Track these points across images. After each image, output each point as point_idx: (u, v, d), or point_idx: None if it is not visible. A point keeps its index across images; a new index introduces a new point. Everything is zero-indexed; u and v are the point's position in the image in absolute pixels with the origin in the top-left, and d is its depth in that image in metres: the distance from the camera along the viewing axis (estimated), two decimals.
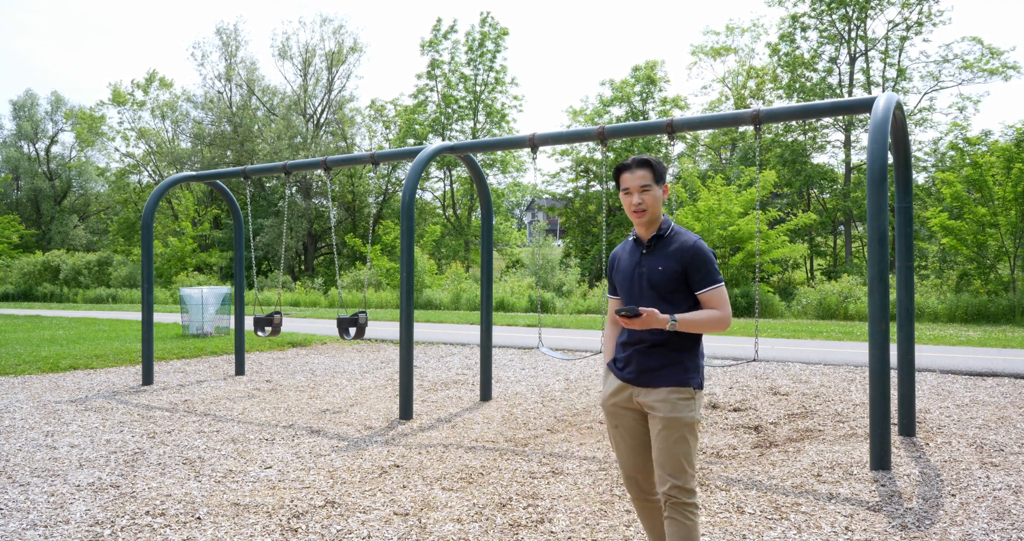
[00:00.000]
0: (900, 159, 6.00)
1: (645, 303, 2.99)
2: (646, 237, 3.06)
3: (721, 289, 2.95)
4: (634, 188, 3.00)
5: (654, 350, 2.96)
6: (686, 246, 2.96)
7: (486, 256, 7.94)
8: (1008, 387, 8.04)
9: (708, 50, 36.85)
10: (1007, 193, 18.20)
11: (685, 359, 2.95)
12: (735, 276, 21.72)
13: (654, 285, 2.97)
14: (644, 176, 3.00)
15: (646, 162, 3.02)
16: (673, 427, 2.89)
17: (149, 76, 45.64)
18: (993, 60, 27.92)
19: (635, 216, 3.02)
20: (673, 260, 2.96)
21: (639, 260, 3.05)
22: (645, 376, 2.97)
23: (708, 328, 2.90)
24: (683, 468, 2.88)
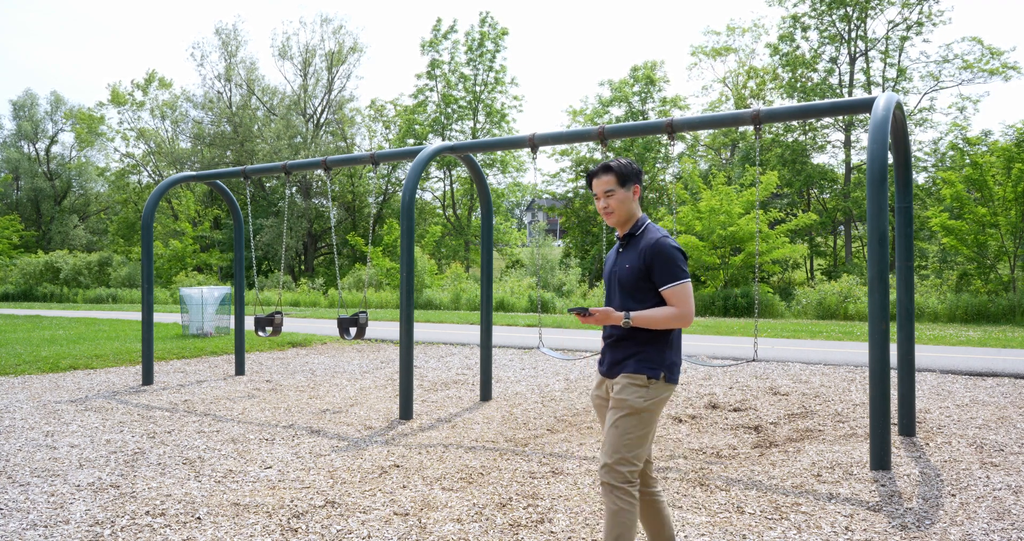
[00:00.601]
0: (900, 159, 6.00)
1: (616, 300, 3.14)
2: (622, 238, 3.22)
3: (682, 286, 3.02)
4: (600, 193, 3.17)
5: (620, 343, 3.10)
6: (650, 243, 3.06)
7: (486, 256, 7.95)
8: (1008, 387, 8.04)
9: (708, 50, 36.85)
10: (1007, 193, 18.20)
11: (649, 351, 3.05)
12: (735, 276, 21.72)
13: (622, 283, 3.11)
14: (608, 181, 3.15)
15: (608, 167, 3.16)
16: (616, 406, 3.02)
17: (148, 76, 45.65)
18: (993, 60, 27.92)
19: (605, 219, 3.20)
20: (639, 257, 3.07)
21: (615, 259, 3.20)
22: (612, 368, 3.12)
23: (665, 325, 3.00)
24: (616, 448, 2.96)
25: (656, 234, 3.09)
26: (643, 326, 3.00)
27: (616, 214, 3.16)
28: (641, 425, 2.99)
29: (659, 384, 3.02)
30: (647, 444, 3.03)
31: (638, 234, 3.17)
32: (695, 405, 7.27)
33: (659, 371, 3.03)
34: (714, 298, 20.76)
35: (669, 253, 3.02)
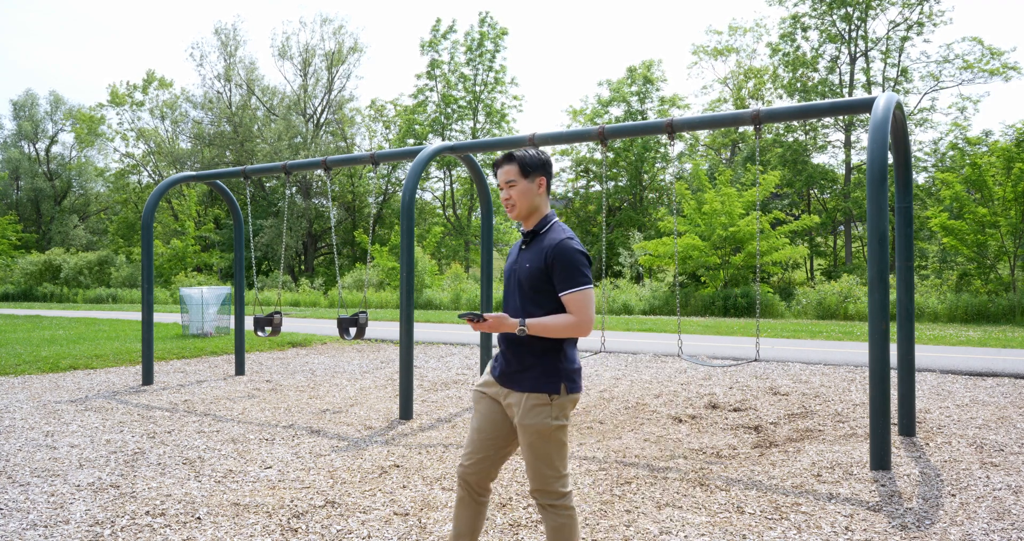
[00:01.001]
0: (900, 159, 6.00)
1: (514, 300, 2.95)
2: (527, 234, 3.02)
3: (583, 293, 2.81)
4: (501, 184, 2.99)
5: (514, 351, 2.91)
6: (552, 244, 2.86)
7: (486, 256, 7.95)
8: (1008, 387, 8.04)
9: (710, 50, 36.85)
10: (1007, 193, 18.20)
11: (546, 362, 2.86)
12: (735, 276, 21.73)
13: (522, 283, 2.91)
14: (509, 171, 2.96)
15: (511, 157, 2.98)
16: (528, 433, 2.86)
17: (148, 76, 45.67)
18: (993, 60, 27.94)
19: (508, 211, 3.00)
20: (541, 258, 2.87)
21: (517, 256, 3.01)
22: (506, 377, 2.94)
23: (562, 333, 2.80)
24: (543, 472, 2.86)
25: (561, 234, 2.89)
26: (539, 334, 2.80)
27: (518, 207, 2.95)
28: (557, 442, 2.86)
29: (561, 398, 2.85)
30: (568, 450, 2.94)
31: (542, 232, 2.96)
32: (695, 405, 7.27)
33: (559, 383, 2.85)
34: (714, 298, 20.76)
35: (572, 256, 2.82)
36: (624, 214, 34.02)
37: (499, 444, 3.00)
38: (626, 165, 34.16)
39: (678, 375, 9.19)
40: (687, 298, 21.53)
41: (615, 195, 34.82)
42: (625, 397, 7.74)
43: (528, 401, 2.85)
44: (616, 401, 7.53)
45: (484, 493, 3.06)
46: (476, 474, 3.01)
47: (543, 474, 2.87)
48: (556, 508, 2.87)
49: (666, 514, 4.10)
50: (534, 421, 2.84)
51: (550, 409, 2.84)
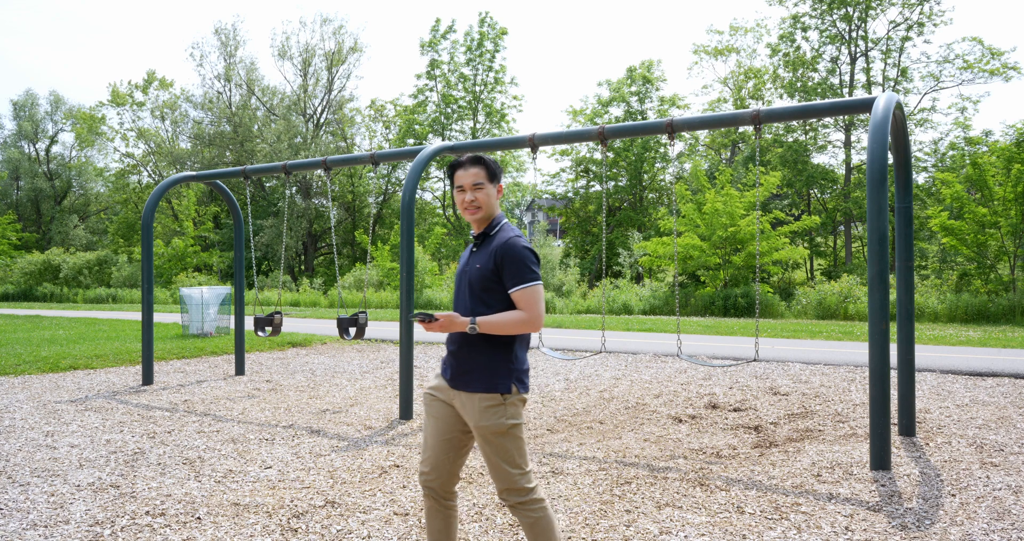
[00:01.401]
0: (900, 159, 6.00)
1: (464, 302, 2.98)
2: (478, 236, 3.07)
3: (532, 289, 2.86)
4: (467, 185, 2.99)
5: (463, 352, 2.93)
6: (501, 243, 2.92)
7: None
8: (1008, 387, 8.04)
9: (710, 50, 36.86)
10: (1007, 193, 18.21)
11: (496, 363, 2.88)
12: (735, 276, 21.73)
13: (473, 284, 2.95)
14: (478, 174, 2.99)
15: (480, 160, 3.01)
16: (484, 435, 2.88)
17: (148, 76, 45.66)
18: (994, 61, 27.94)
19: (467, 213, 3.01)
20: (490, 258, 2.93)
21: (468, 258, 3.06)
22: (456, 379, 2.95)
23: (513, 330, 2.84)
24: (505, 471, 2.87)
25: (509, 233, 2.95)
26: (490, 332, 2.83)
27: (483, 210, 2.99)
28: (515, 439, 2.89)
29: (513, 398, 2.89)
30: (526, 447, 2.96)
31: (493, 234, 3.01)
32: (695, 405, 7.27)
33: (510, 383, 2.88)
34: (714, 298, 20.75)
35: (520, 254, 2.87)
36: (624, 214, 34.02)
37: (455, 446, 3.00)
38: (626, 165, 34.16)
39: (678, 375, 9.19)
40: (687, 298, 21.53)
41: (615, 195, 34.83)
42: (625, 397, 7.73)
43: (481, 402, 2.87)
44: (616, 401, 7.53)
45: (451, 498, 3.05)
46: (438, 479, 3.00)
47: (507, 473, 2.88)
48: (526, 505, 2.88)
49: (666, 514, 4.10)
50: (490, 422, 2.86)
51: (504, 409, 2.87)
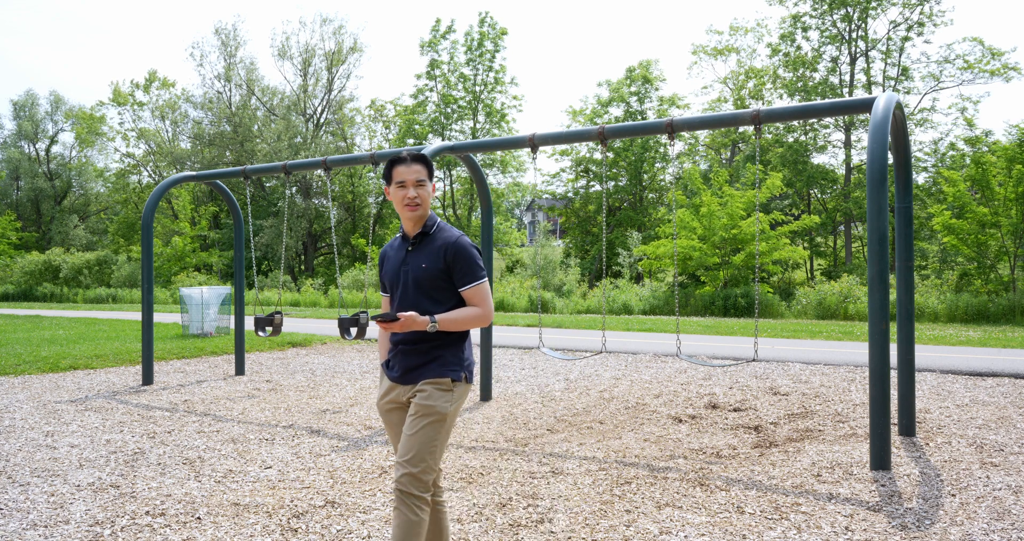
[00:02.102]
0: (900, 159, 6.00)
1: (410, 301, 2.99)
2: (412, 234, 3.07)
3: (484, 286, 3.00)
4: (410, 182, 3.00)
5: (416, 348, 2.98)
6: (448, 243, 2.99)
7: (486, 256, 7.94)
8: (1008, 387, 8.04)
9: (710, 50, 36.87)
10: (1008, 193, 18.21)
11: (446, 355, 2.98)
12: (735, 276, 21.72)
13: (420, 283, 2.99)
14: (419, 171, 3.01)
15: (422, 157, 3.04)
16: (422, 413, 2.90)
17: (150, 76, 45.65)
18: (994, 61, 27.94)
19: (407, 210, 3.01)
20: (436, 257, 2.98)
21: (404, 257, 3.07)
22: (408, 375, 3.00)
23: (469, 325, 2.96)
24: (422, 457, 2.86)
25: (454, 232, 3.03)
26: (448, 329, 2.92)
27: (423, 207, 3.02)
28: (445, 430, 2.94)
29: (461, 386, 3.00)
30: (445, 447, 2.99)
31: (432, 233, 3.06)
32: (695, 405, 7.27)
33: (460, 372, 2.99)
34: (714, 298, 20.75)
35: (470, 253, 2.98)
36: (624, 214, 34.01)
37: None
38: (626, 165, 34.15)
39: (678, 375, 9.19)
40: (687, 298, 21.52)
41: (615, 195, 34.82)
42: (625, 397, 7.73)
43: (431, 385, 2.95)
44: (616, 401, 7.53)
45: (437, 493, 3.08)
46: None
47: (420, 458, 2.86)
48: (416, 500, 2.83)
49: (666, 514, 4.10)
50: (434, 402, 2.91)
51: (451, 394, 2.96)
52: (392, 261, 3.11)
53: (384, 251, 3.21)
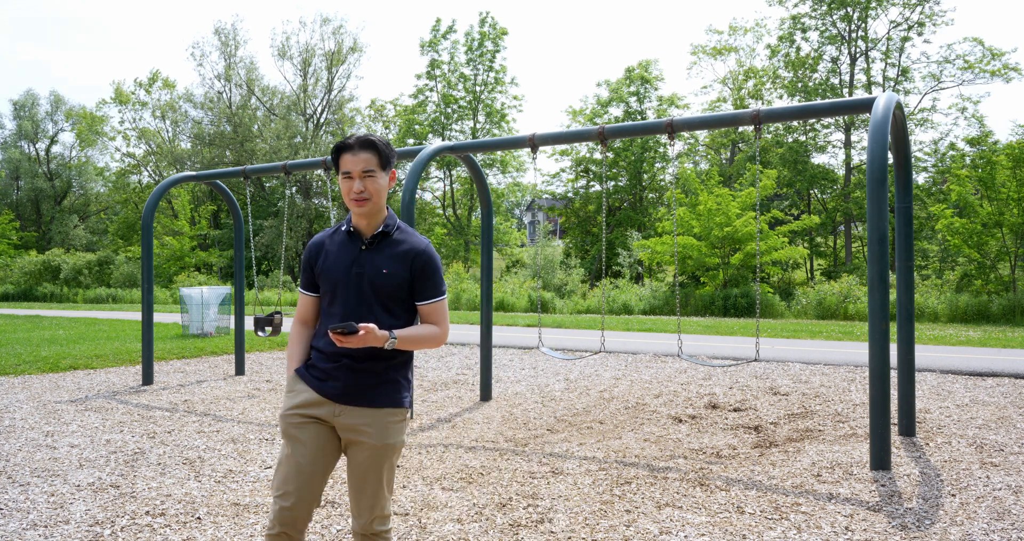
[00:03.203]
0: (900, 159, 6.00)
1: (363, 309, 2.61)
2: (368, 231, 2.68)
3: (443, 302, 2.69)
4: (356, 173, 2.59)
5: (368, 366, 2.59)
6: (418, 250, 2.66)
7: (486, 256, 7.94)
8: (1008, 387, 8.04)
9: (709, 50, 36.87)
10: (1011, 193, 18.23)
11: (400, 377, 2.65)
12: (734, 276, 21.73)
13: (377, 290, 2.61)
14: (368, 160, 2.60)
15: (371, 144, 2.62)
16: (384, 454, 2.60)
17: (152, 75, 45.65)
18: (994, 61, 27.95)
19: (355, 205, 2.61)
20: (401, 264, 2.63)
21: (357, 257, 2.64)
22: (355, 394, 2.59)
23: (424, 345, 2.62)
24: (383, 498, 2.62)
25: (422, 239, 2.70)
26: (406, 348, 2.57)
27: (373, 202, 2.61)
28: (397, 460, 2.68)
29: (409, 412, 2.73)
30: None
31: (394, 234, 2.68)
32: (695, 405, 7.27)
33: (408, 397, 2.68)
34: (714, 298, 20.76)
35: (437, 264, 2.67)
36: (624, 214, 34.02)
37: (325, 473, 2.63)
38: (626, 165, 34.16)
39: (678, 375, 9.19)
40: (687, 298, 21.53)
41: (615, 195, 34.83)
42: (625, 397, 7.73)
43: (387, 417, 2.61)
44: (616, 401, 7.53)
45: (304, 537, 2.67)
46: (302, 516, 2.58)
47: (383, 499, 2.63)
48: (383, 536, 2.64)
49: (666, 514, 4.10)
50: (395, 440, 2.62)
51: (404, 425, 2.68)
52: (335, 258, 2.66)
53: (319, 242, 2.72)
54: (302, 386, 2.65)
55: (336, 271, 2.64)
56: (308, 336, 2.76)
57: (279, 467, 2.62)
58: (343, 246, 2.68)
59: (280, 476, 2.59)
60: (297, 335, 2.76)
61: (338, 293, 2.63)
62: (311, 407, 2.62)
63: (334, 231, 2.73)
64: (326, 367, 2.63)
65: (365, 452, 2.60)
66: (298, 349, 2.74)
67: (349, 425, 2.61)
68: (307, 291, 2.75)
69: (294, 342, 2.76)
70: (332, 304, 2.65)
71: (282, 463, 2.61)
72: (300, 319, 2.77)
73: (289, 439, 2.62)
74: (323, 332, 2.66)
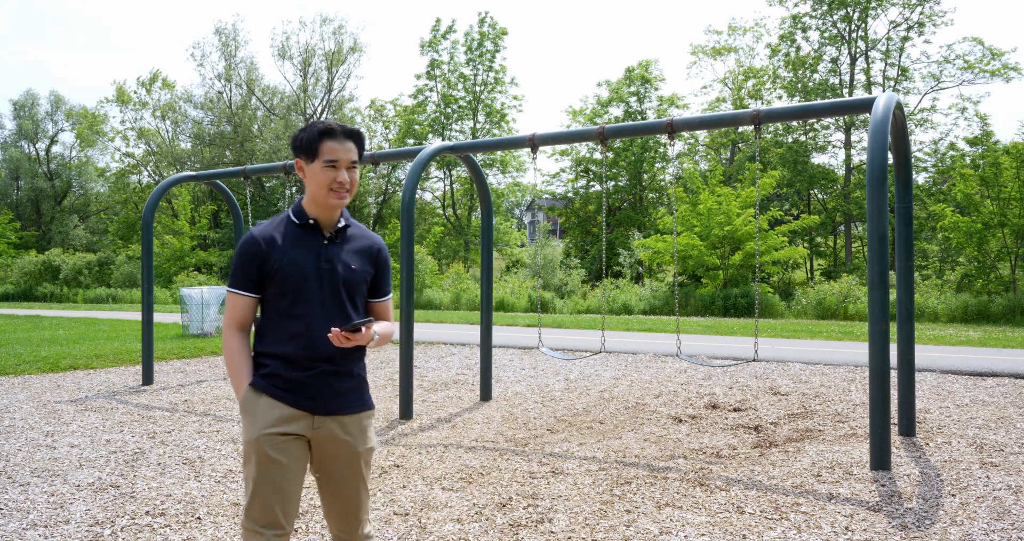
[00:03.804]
0: (900, 159, 6.00)
1: (334, 306, 2.44)
2: (330, 225, 2.50)
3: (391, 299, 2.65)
4: (343, 163, 2.43)
5: (343, 369, 2.46)
6: (378, 245, 2.59)
7: (486, 256, 7.94)
8: (1008, 387, 8.04)
9: (708, 50, 36.88)
10: (1014, 192, 18.24)
11: (365, 375, 2.57)
12: (734, 276, 21.73)
13: (347, 285, 2.47)
14: (353, 151, 2.47)
15: (357, 135, 2.48)
16: (367, 458, 2.53)
17: (153, 75, 45.66)
18: (994, 61, 27.96)
19: (333, 196, 2.43)
20: (366, 259, 2.53)
21: (320, 252, 2.45)
22: (336, 403, 2.45)
23: (386, 342, 2.58)
24: (367, 502, 2.57)
25: (374, 233, 2.61)
26: (377, 345, 2.48)
27: (351, 195, 2.48)
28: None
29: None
30: None
31: (352, 228, 2.56)
32: (695, 405, 7.27)
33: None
34: (714, 298, 20.77)
35: (389, 258, 2.63)
36: (624, 214, 34.03)
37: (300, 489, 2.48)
38: (626, 165, 34.17)
39: (678, 375, 9.19)
40: (687, 298, 21.53)
41: (615, 195, 34.84)
42: (625, 397, 7.73)
43: (363, 421, 2.51)
44: (616, 401, 7.53)
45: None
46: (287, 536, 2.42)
47: (368, 502, 2.56)
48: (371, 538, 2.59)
49: (666, 514, 4.10)
50: (373, 443, 2.55)
51: (373, 423, 2.60)
52: (296, 252, 2.42)
53: (267, 236, 2.44)
54: (269, 401, 2.40)
55: (300, 267, 2.41)
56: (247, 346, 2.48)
57: (255, 495, 2.36)
58: (300, 240, 2.45)
59: (260, 505, 2.36)
60: (240, 344, 2.45)
61: (304, 291, 2.41)
62: (287, 423, 2.39)
63: (278, 223, 2.48)
64: (297, 376, 2.40)
65: (350, 460, 2.48)
66: (246, 360, 2.45)
67: (331, 436, 2.45)
68: (247, 292, 2.44)
69: (239, 353, 2.45)
70: (296, 304, 2.41)
71: (259, 490, 2.36)
72: (238, 325, 2.46)
73: (267, 463, 2.36)
74: (284, 337, 2.41)
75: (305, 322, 2.40)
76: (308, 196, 2.47)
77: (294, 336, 2.40)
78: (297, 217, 2.47)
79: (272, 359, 2.42)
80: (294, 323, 2.41)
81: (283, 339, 2.42)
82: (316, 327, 2.41)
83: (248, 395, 2.44)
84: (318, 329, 2.40)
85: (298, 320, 2.41)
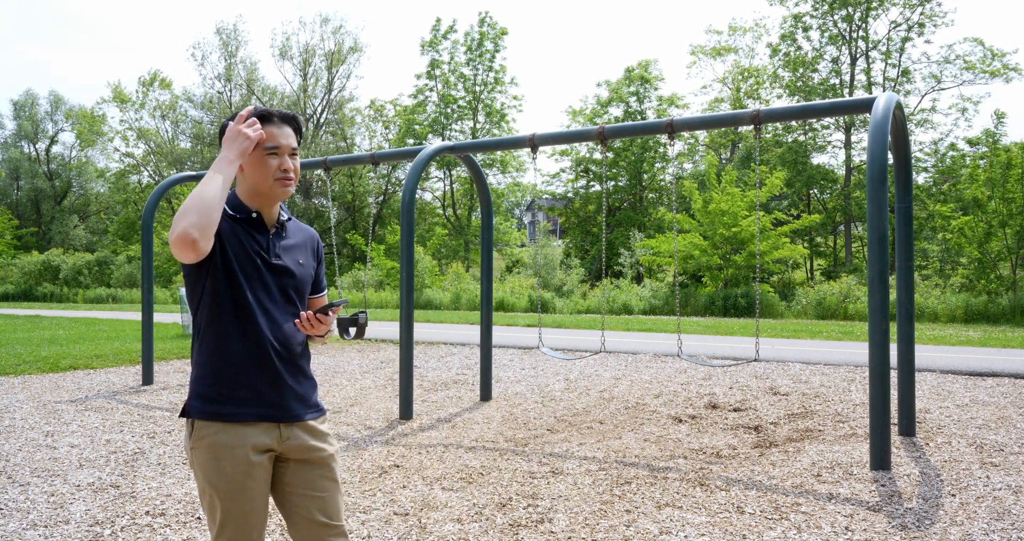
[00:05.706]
0: (900, 159, 6.00)
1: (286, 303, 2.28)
2: (272, 217, 2.32)
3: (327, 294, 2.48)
4: (285, 149, 2.25)
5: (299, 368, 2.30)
6: (316, 237, 2.45)
7: (486, 256, 7.94)
8: (1008, 387, 8.04)
9: (708, 50, 36.88)
10: (1019, 192, 18.25)
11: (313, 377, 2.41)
12: (735, 276, 21.73)
13: (297, 280, 2.32)
14: (293, 136, 2.29)
15: (295, 120, 2.31)
16: (333, 462, 2.34)
17: (152, 75, 45.67)
18: (995, 62, 27.96)
19: (280, 186, 2.24)
20: (309, 252, 2.39)
21: (268, 245, 2.27)
22: (299, 406, 2.27)
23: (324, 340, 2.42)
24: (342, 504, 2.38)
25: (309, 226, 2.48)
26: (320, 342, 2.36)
27: (294, 184, 2.30)
28: None
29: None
30: None
31: (291, 221, 2.40)
32: (695, 405, 7.27)
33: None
34: (714, 298, 20.77)
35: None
36: (624, 214, 34.03)
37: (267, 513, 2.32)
38: (626, 165, 34.18)
39: (678, 375, 9.19)
40: (687, 298, 21.54)
41: (615, 195, 34.84)
42: (625, 397, 7.73)
43: (320, 424, 2.34)
44: (616, 401, 7.53)
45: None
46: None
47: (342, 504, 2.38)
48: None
49: (666, 514, 4.10)
50: (335, 450, 2.36)
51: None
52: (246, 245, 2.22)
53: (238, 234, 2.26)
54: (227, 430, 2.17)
55: (252, 261, 2.22)
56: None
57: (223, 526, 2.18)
58: (247, 233, 2.24)
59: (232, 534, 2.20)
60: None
61: (256, 286, 2.22)
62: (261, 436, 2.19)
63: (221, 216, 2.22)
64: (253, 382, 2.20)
65: (324, 467, 2.31)
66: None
67: (303, 445, 2.27)
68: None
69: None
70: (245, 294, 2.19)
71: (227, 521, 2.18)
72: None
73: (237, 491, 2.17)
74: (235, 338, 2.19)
75: (256, 321, 2.20)
76: (247, 188, 2.26)
77: (246, 337, 2.19)
78: (237, 211, 2.24)
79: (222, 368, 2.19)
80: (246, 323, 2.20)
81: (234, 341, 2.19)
82: (270, 326, 2.22)
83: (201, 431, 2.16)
84: (272, 329, 2.23)
85: (249, 320, 2.19)
